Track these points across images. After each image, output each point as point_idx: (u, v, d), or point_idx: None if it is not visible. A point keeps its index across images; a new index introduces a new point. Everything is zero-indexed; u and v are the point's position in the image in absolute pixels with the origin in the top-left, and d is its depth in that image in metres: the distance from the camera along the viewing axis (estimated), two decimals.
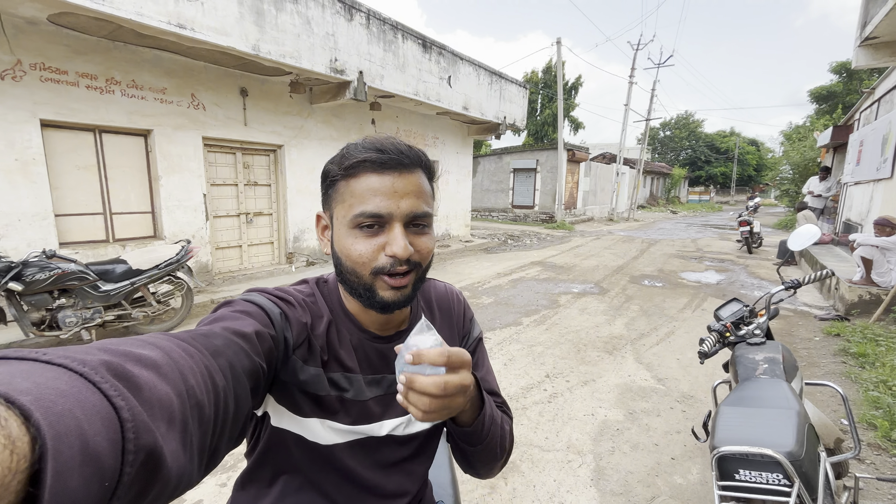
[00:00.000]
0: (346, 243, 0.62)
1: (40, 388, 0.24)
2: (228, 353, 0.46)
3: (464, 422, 0.64)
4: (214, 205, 6.01)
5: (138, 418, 0.28)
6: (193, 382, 0.38)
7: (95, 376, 0.28)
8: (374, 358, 0.70)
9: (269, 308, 0.60)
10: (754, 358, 1.68)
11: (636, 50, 18.58)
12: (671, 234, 13.72)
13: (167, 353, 0.37)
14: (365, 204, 0.60)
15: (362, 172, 0.61)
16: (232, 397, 0.44)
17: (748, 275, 7.28)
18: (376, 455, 0.71)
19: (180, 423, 0.34)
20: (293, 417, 0.64)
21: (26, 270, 3.29)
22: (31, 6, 3.77)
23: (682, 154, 43.11)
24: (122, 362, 0.31)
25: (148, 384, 0.32)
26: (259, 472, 0.70)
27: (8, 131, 4.07)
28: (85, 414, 0.25)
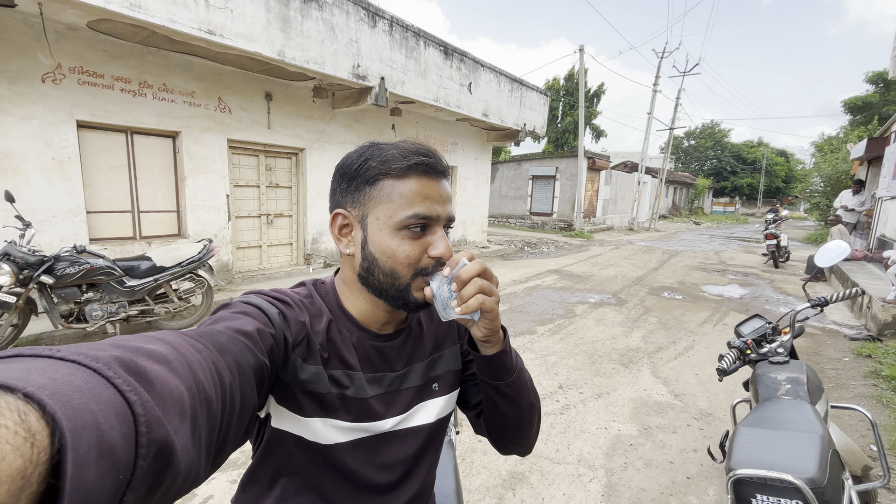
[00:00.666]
0: (390, 244, 0.63)
1: (57, 383, 0.25)
2: (234, 350, 0.47)
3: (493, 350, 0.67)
4: (237, 205, 6.16)
5: (151, 413, 0.29)
6: (202, 377, 0.38)
7: (109, 371, 0.28)
8: (374, 356, 0.71)
9: (267, 308, 0.60)
10: (776, 377, 1.62)
11: (661, 58, 18.31)
12: (693, 246, 13.39)
13: (176, 349, 0.38)
14: (416, 207, 0.62)
15: (413, 175, 0.63)
16: (238, 393, 0.44)
17: (774, 290, 7.04)
18: (378, 454, 0.70)
19: (190, 417, 0.34)
20: (294, 417, 0.65)
21: (57, 264, 3.42)
22: (72, 13, 3.96)
23: (707, 164, 42.14)
24: (133, 358, 0.32)
25: (159, 379, 0.32)
26: (259, 474, 0.71)
27: (46, 131, 4.27)
28: (100, 408, 0.26)
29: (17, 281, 3.29)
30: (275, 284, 5.98)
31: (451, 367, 0.79)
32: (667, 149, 21.14)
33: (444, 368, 0.78)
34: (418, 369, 0.75)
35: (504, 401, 0.71)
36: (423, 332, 0.78)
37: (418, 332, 0.77)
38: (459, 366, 0.80)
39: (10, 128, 4.07)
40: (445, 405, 0.78)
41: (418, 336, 0.77)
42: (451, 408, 0.80)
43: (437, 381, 0.77)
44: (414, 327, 0.77)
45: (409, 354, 0.74)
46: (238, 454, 2.35)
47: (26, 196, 4.12)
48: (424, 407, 0.75)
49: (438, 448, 0.80)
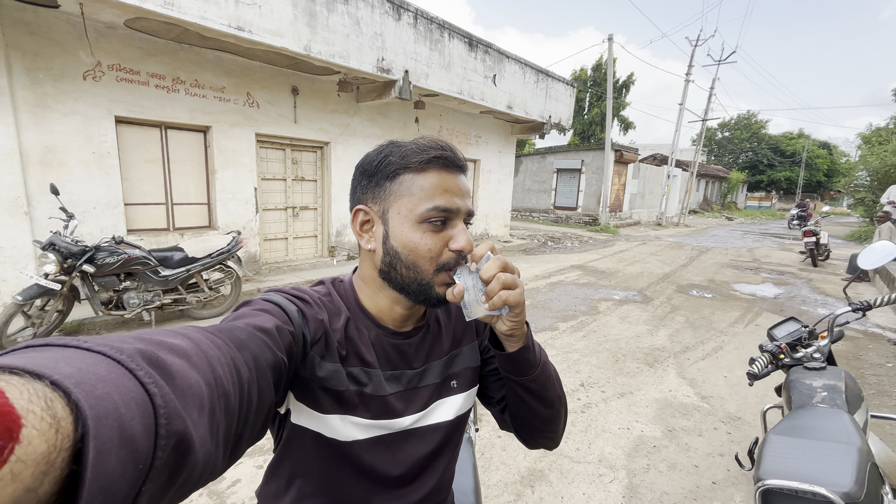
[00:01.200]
0: (412, 237, 0.63)
1: (82, 372, 0.26)
2: (252, 347, 0.48)
3: (517, 345, 0.67)
4: (264, 198, 6.32)
5: (170, 405, 0.29)
6: (221, 372, 0.39)
7: (131, 363, 0.29)
8: (392, 354, 0.71)
9: (287, 306, 0.61)
10: (811, 384, 1.55)
11: (695, 46, 17.58)
12: (725, 242, 12.91)
13: (197, 344, 0.39)
14: (436, 199, 0.63)
15: (433, 169, 0.64)
16: (255, 389, 0.45)
17: (811, 290, 6.71)
18: (397, 451, 0.71)
19: (209, 410, 0.35)
20: (313, 414, 0.65)
21: (98, 254, 3.60)
22: (111, 12, 4.12)
23: (742, 157, 40.39)
24: (156, 351, 0.32)
25: (180, 372, 0.33)
26: (279, 469, 0.72)
27: (87, 126, 4.47)
28: (122, 398, 0.26)
29: (62, 269, 3.48)
30: (300, 276, 6.12)
31: (470, 364, 0.79)
32: (699, 141, 20.36)
33: (463, 365, 0.78)
34: (437, 367, 0.75)
35: (530, 396, 0.71)
36: (442, 330, 0.78)
37: (436, 329, 0.77)
38: (478, 362, 0.80)
39: (55, 123, 4.28)
40: (464, 402, 0.78)
41: (436, 333, 0.77)
42: (470, 404, 0.80)
43: (456, 378, 0.77)
44: (432, 324, 0.77)
45: (427, 352, 0.75)
46: (265, 440, 2.44)
47: (69, 189, 4.34)
48: (443, 404, 0.75)
49: (457, 445, 0.81)
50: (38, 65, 4.13)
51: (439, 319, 0.79)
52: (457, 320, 0.80)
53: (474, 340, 0.81)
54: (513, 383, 0.71)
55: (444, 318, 0.79)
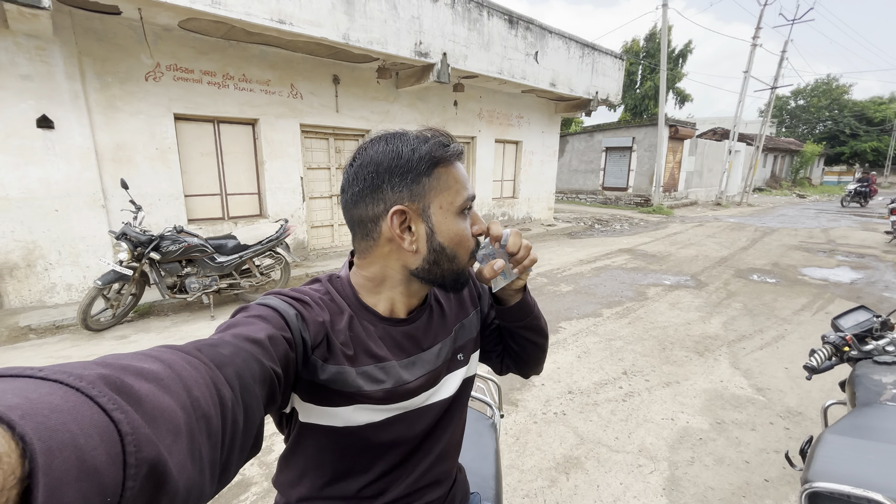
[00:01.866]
0: (458, 229, 0.67)
1: (32, 403, 0.24)
2: (237, 362, 0.45)
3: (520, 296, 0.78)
4: (310, 187, 6.56)
5: (139, 431, 0.28)
6: (198, 394, 0.37)
7: (92, 390, 0.27)
8: (403, 342, 0.71)
9: (284, 310, 0.59)
10: (881, 380, 1.39)
11: (764, 5, 15.88)
12: (794, 223, 11.81)
13: (169, 366, 0.37)
14: (467, 189, 0.68)
15: (456, 160, 0.68)
16: (241, 409, 0.43)
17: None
18: (413, 426, 0.71)
19: (186, 435, 0.33)
20: (322, 410, 0.65)
21: (162, 242, 3.92)
22: (165, 15, 4.38)
23: (819, 127, 36.43)
24: (120, 376, 0.31)
25: (149, 397, 0.31)
26: (292, 460, 0.73)
27: (150, 125, 4.83)
28: (81, 428, 0.25)
29: (133, 257, 3.83)
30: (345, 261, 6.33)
31: (471, 335, 0.82)
32: (767, 111, 18.55)
33: (466, 337, 0.81)
34: (447, 344, 0.77)
35: (532, 332, 0.82)
36: (443, 308, 0.79)
37: (438, 308, 0.78)
38: (478, 330, 0.84)
39: (123, 123, 4.66)
40: (467, 371, 0.81)
41: (440, 312, 0.78)
42: (475, 368, 0.83)
43: (462, 350, 0.79)
44: (433, 305, 0.77)
45: (435, 331, 0.76)
46: None
47: (137, 183, 4.73)
48: (452, 377, 0.77)
49: (463, 413, 0.83)
50: (106, 69, 4.50)
51: (438, 299, 0.79)
52: (455, 297, 0.82)
53: (471, 311, 0.83)
54: (518, 328, 0.81)
55: (443, 297, 0.81)
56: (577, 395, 2.83)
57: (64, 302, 4.50)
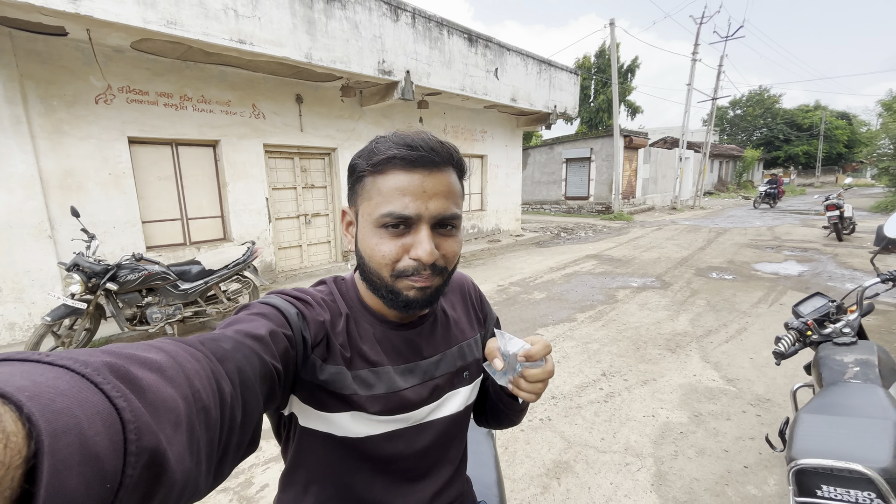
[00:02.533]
0: (370, 243, 0.61)
1: (39, 386, 0.24)
2: (237, 357, 0.45)
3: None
4: (276, 207, 6.40)
5: (141, 420, 0.28)
6: (199, 386, 0.37)
7: (97, 377, 0.27)
8: (402, 347, 0.69)
9: (286, 308, 0.59)
10: (842, 360, 1.50)
11: (700, 24, 17.17)
12: (743, 223, 12.60)
13: (172, 357, 0.37)
14: (392, 204, 0.58)
15: (391, 170, 0.59)
16: (239, 403, 0.43)
17: (837, 265, 6.51)
18: (413, 443, 0.70)
19: (186, 426, 0.33)
20: (321, 415, 0.64)
21: (120, 272, 3.70)
22: (117, 35, 4.22)
23: (756, 134, 39.37)
24: (125, 364, 0.31)
25: (152, 387, 0.31)
26: (294, 476, 0.71)
27: (102, 149, 4.60)
28: (85, 413, 0.25)
29: (87, 289, 3.58)
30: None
31: (477, 356, 0.80)
32: (710, 120, 19.89)
33: (472, 357, 0.78)
34: (450, 356, 0.74)
35: (514, 413, 0.80)
36: (450, 320, 0.77)
37: (444, 318, 0.77)
38: (481, 355, 0.81)
39: (71, 148, 4.40)
40: (472, 392, 0.78)
41: (445, 323, 0.76)
42: (475, 394, 0.80)
43: (467, 369, 0.77)
44: (440, 314, 0.76)
45: (439, 340, 0.74)
46: None
47: (89, 210, 4.46)
48: (456, 395, 0.75)
49: (465, 432, 0.81)
50: (51, 92, 4.26)
51: (445, 310, 0.78)
52: (463, 312, 0.81)
53: (478, 334, 0.82)
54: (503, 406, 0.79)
55: (450, 309, 0.79)
56: (560, 399, 2.86)
57: (6, 343, 4.13)
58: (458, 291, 0.84)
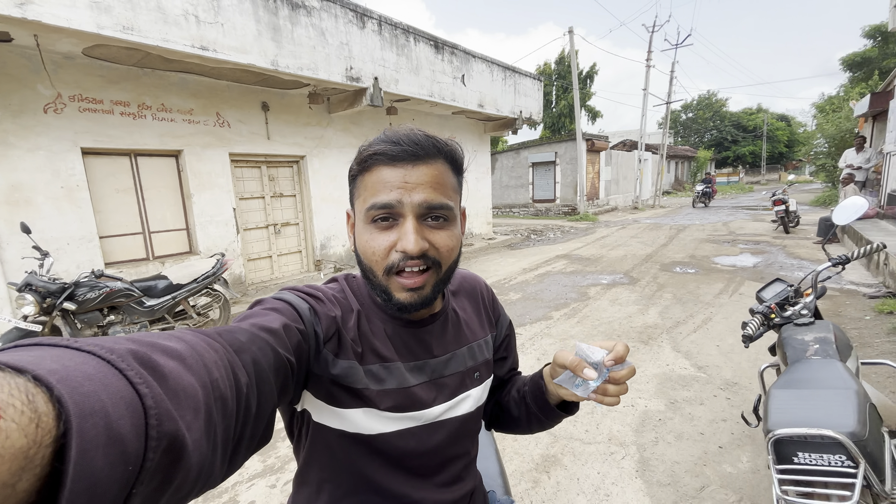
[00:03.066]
0: (362, 239, 0.63)
1: (68, 369, 0.25)
2: (253, 349, 0.46)
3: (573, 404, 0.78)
4: (244, 218, 6.21)
5: (162, 406, 0.29)
6: (217, 375, 0.38)
7: (122, 363, 0.28)
8: (413, 344, 0.70)
9: (298, 304, 0.60)
10: (803, 339, 1.62)
11: (651, 32, 18.09)
12: (700, 219, 13.29)
13: (192, 347, 0.38)
14: (376, 197, 0.59)
15: (375, 165, 0.61)
16: (254, 394, 0.44)
17: (787, 255, 6.98)
18: (426, 441, 0.70)
19: (205, 413, 0.34)
20: (333, 410, 0.64)
21: (78, 290, 3.48)
22: (67, 42, 4.00)
23: (707, 136, 41.68)
24: (148, 352, 0.32)
25: (173, 374, 0.32)
26: (308, 475, 0.71)
27: (53, 161, 4.33)
28: (110, 397, 0.25)
29: (41, 309, 3.35)
30: None
31: (488, 357, 0.80)
32: (665, 123, 20.93)
33: (483, 358, 0.79)
34: (461, 356, 0.75)
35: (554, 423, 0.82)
36: (460, 319, 0.78)
37: (455, 318, 0.77)
38: (492, 356, 0.82)
39: (18, 161, 4.13)
40: (483, 392, 0.79)
41: (456, 322, 0.76)
42: (486, 395, 0.81)
43: (478, 369, 0.77)
44: (451, 313, 0.76)
45: (449, 340, 0.74)
46: (276, 461, 2.40)
47: (40, 226, 4.19)
48: (469, 396, 0.75)
49: (478, 431, 0.82)
50: None
51: (456, 309, 0.78)
52: (474, 312, 0.81)
53: (489, 334, 0.82)
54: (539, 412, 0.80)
55: (461, 309, 0.79)
56: None
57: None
58: (471, 292, 0.84)
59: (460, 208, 0.68)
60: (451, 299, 0.78)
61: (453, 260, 0.65)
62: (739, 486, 1.98)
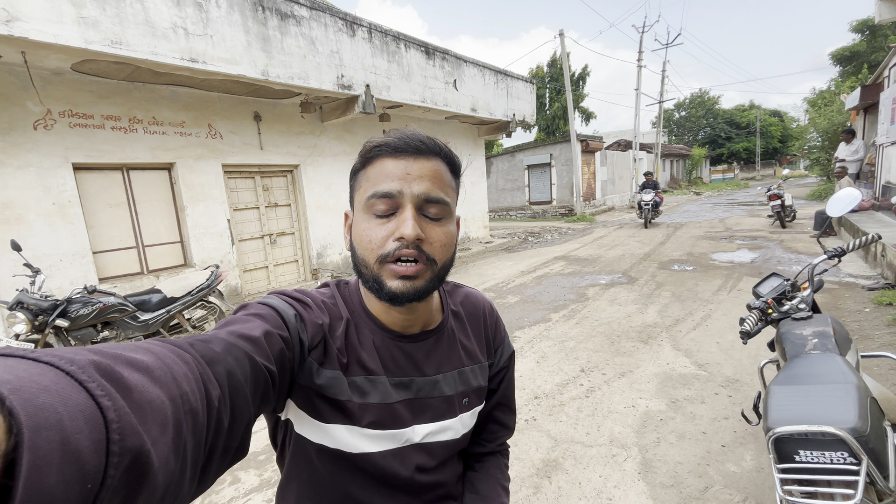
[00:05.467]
0: (359, 229, 0.62)
1: (22, 380, 0.24)
2: (228, 360, 0.45)
3: None
4: (238, 229, 6.19)
5: (125, 420, 0.27)
6: (187, 389, 0.36)
7: (82, 375, 0.27)
8: (400, 358, 0.67)
9: (283, 309, 0.59)
10: (802, 333, 1.60)
11: (642, 33, 18.22)
12: (697, 216, 13.30)
13: (161, 359, 0.36)
14: (378, 186, 0.60)
15: (378, 158, 0.61)
16: (227, 407, 0.42)
17: (784, 250, 6.97)
18: (408, 464, 0.68)
19: (173, 428, 0.32)
20: (314, 424, 0.63)
21: (71, 307, 3.45)
22: (56, 58, 3.99)
23: (701, 133, 41.88)
24: (112, 363, 0.30)
25: (138, 387, 0.31)
26: (287, 491, 0.69)
27: (44, 177, 4.31)
28: (67, 411, 0.24)
29: (33, 328, 3.31)
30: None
31: (481, 384, 0.77)
32: (658, 122, 21.03)
33: (476, 384, 0.75)
34: (450, 378, 0.71)
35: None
36: (457, 341, 0.74)
37: (451, 337, 0.74)
38: (486, 384, 0.78)
39: (8, 178, 4.10)
40: (471, 419, 0.76)
41: (451, 342, 0.73)
42: (473, 422, 0.77)
43: (468, 395, 0.74)
44: (447, 332, 0.73)
45: (440, 360, 0.71)
46: (257, 480, 2.36)
47: (32, 244, 4.15)
48: (455, 423, 0.72)
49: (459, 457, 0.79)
50: None
51: (454, 329, 0.75)
52: (472, 336, 0.77)
53: (485, 362, 0.78)
54: None
55: (458, 329, 0.76)
56: (542, 399, 2.89)
57: None
58: (473, 313, 0.79)
59: (456, 211, 0.68)
60: (450, 317, 0.75)
61: (448, 258, 0.64)
62: (744, 486, 1.95)
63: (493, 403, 0.82)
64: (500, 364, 0.80)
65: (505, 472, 0.83)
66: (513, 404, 0.85)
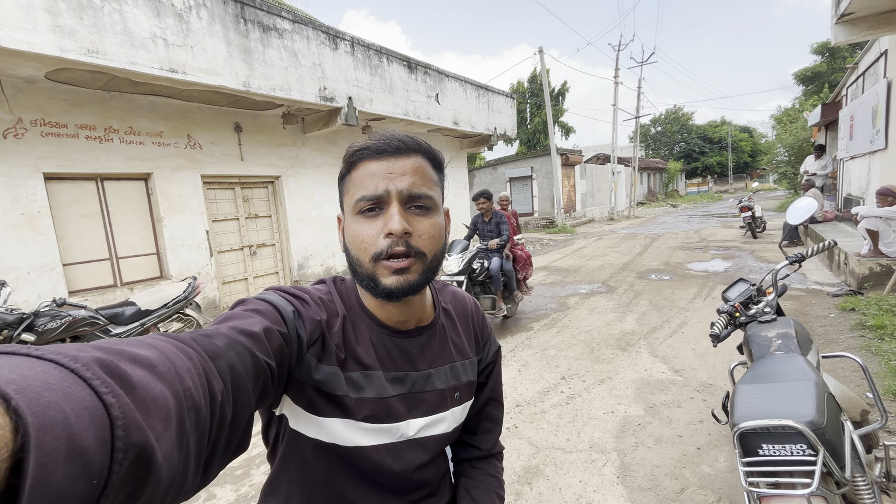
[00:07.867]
0: (351, 230, 0.64)
1: (27, 379, 0.24)
2: (230, 355, 0.45)
3: None
4: (217, 240, 6.08)
5: (129, 416, 0.27)
6: (190, 384, 0.37)
7: (86, 372, 0.27)
8: (395, 354, 0.69)
9: (282, 305, 0.59)
10: (766, 335, 1.67)
11: (618, 51, 18.88)
12: (673, 228, 13.68)
13: (164, 354, 0.37)
14: (364, 188, 0.62)
15: (362, 161, 0.63)
16: (230, 402, 0.43)
17: (755, 259, 7.23)
18: (401, 459, 0.69)
19: (177, 423, 0.33)
20: (310, 418, 0.63)
21: (38, 320, 3.32)
22: (28, 66, 3.91)
23: (676, 148, 43.33)
24: (115, 360, 0.30)
25: (142, 383, 0.31)
26: (277, 485, 0.69)
27: (12, 187, 4.18)
28: (72, 408, 0.24)
29: None
30: None
31: (472, 378, 0.79)
32: (635, 137, 21.68)
33: (466, 379, 0.77)
34: (443, 373, 0.74)
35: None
36: (448, 337, 0.77)
37: (443, 334, 0.76)
38: (475, 378, 0.80)
39: None
40: (461, 413, 0.78)
41: (443, 338, 0.76)
42: (464, 416, 0.80)
43: (459, 389, 0.76)
44: (438, 328, 0.76)
45: (432, 355, 0.73)
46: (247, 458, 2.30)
47: None
48: (447, 416, 0.74)
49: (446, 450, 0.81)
50: None
51: (445, 325, 0.77)
52: (463, 332, 0.80)
53: (475, 357, 0.81)
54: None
55: (449, 326, 0.78)
56: (524, 406, 2.90)
57: None
58: (461, 310, 0.83)
59: (443, 205, 0.70)
60: (441, 314, 0.77)
61: (438, 250, 0.65)
62: (718, 486, 1.99)
63: (485, 398, 0.84)
64: (488, 359, 0.83)
65: (500, 480, 0.84)
66: (501, 398, 0.88)
